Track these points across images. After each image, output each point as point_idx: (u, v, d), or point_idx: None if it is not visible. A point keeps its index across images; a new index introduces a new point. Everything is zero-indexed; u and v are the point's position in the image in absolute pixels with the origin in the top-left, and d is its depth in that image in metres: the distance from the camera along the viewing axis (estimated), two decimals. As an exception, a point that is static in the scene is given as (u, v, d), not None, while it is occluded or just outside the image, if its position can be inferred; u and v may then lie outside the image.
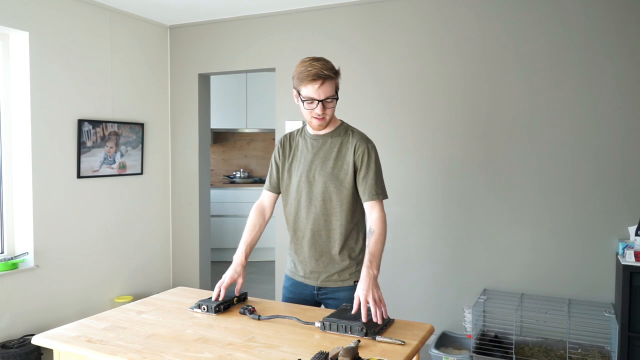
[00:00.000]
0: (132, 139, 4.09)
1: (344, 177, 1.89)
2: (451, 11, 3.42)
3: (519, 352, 3.04)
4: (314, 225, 1.94)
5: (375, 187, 1.87)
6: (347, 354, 1.35)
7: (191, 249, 4.45)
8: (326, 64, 1.82)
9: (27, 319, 3.34)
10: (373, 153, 1.90)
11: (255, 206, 2.08)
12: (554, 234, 3.20)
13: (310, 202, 1.93)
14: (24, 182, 3.38)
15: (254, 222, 2.04)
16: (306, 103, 1.83)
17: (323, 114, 1.84)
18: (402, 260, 3.60)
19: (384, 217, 1.86)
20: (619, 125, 3.03)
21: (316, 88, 1.79)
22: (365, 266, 1.73)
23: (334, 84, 1.84)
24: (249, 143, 6.81)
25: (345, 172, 1.89)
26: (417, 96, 3.54)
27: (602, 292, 3.08)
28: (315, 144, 1.95)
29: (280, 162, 2.02)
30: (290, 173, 1.99)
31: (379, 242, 1.81)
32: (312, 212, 1.93)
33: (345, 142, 1.91)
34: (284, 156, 2.01)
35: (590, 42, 3.07)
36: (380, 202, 1.88)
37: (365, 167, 1.88)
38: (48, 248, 3.47)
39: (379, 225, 1.83)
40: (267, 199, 2.08)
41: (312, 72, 1.78)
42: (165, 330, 1.62)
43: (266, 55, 4.06)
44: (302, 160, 1.96)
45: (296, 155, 1.99)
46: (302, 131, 2.02)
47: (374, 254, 1.77)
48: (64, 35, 3.54)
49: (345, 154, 1.90)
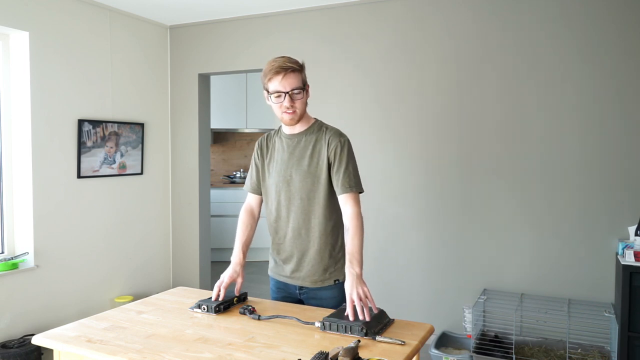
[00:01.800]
0: (132, 139, 4.09)
1: (320, 174, 1.89)
2: (450, 11, 3.42)
3: (519, 352, 3.04)
4: (294, 224, 1.94)
5: (348, 179, 1.86)
6: (347, 354, 1.35)
7: (191, 249, 4.45)
8: (289, 58, 1.85)
9: (27, 319, 3.34)
10: (346, 146, 1.90)
11: (244, 208, 2.09)
12: (554, 234, 3.20)
13: (289, 201, 1.94)
14: (24, 182, 3.38)
15: (246, 221, 2.05)
16: (274, 97, 1.84)
17: (292, 107, 1.85)
18: (402, 260, 3.60)
19: (358, 212, 1.83)
20: (619, 126, 3.03)
21: (280, 79, 1.81)
22: (347, 266, 1.73)
23: (300, 76, 1.85)
24: (249, 143, 6.81)
25: (320, 168, 1.89)
26: (416, 96, 3.54)
27: (602, 292, 3.08)
28: (291, 142, 1.95)
29: (260, 163, 2.04)
30: (270, 174, 2.00)
31: (356, 238, 1.78)
32: (292, 210, 1.94)
33: (319, 138, 1.92)
34: (262, 157, 2.03)
35: (591, 42, 3.07)
36: (355, 195, 1.86)
37: (338, 160, 1.88)
38: (48, 248, 3.47)
39: (353, 221, 1.80)
40: (253, 201, 2.09)
41: (275, 66, 1.81)
42: (165, 330, 1.63)
43: (266, 55, 4.05)
44: (279, 160, 1.97)
45: (273, 156, 2.00)
46: (278, 131, 2.03)
47: (353, 253, 1.75)
48: (64, 35, 3.54)
49: (320, 150, 1.90)
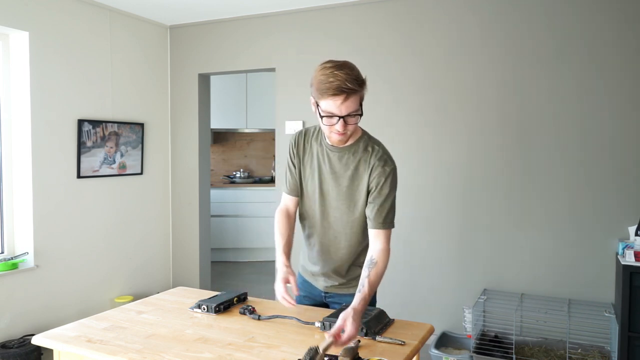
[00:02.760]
0: (132, 139, 4.09)
1: (357, 199, 1.74)
2: (454, 7, 3.41)
3: (519, 352, 3.04)
4: (323, 239, 1.84)
5: (384, 216, 1.69)
6: (347, 354, 1.34)
7: (191, 249, 4.45)
8: (350, 74, 1.56)
9: (27, 319, 3.34)
10: (390, 177, 1.71)
11: (280, 210, 1.90)
12: (554, 234, 3.20)
13: (322, 216, 1.82)
14: (24, 182, 3.38)
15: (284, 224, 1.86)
16: (325, 118, 1.60)
17: (344, 131, 1.62)
18: (403, 260, 3.60)
19: (388, 250, 1.69)
20: (619, 126, 3.03)
21: (338, 104, 1.56)
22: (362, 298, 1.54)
23: (359, 97, 1.60)
24: (249, 143, 6.81)
25: (359, 193, 1.74)
26: (418, 96, 3.54)
27: (602, 292, 3.08)
28: (332, 155, 1.77)
29: (297, 164, 1.85)
30: (305, 179, 1.84)
31: (379, 276, 1.63)
32: (324, 226, 1.83)
33: (364, 160, 1.73)
34: (298, 157, 1.84)
35: (591, 41, 3.07)
36: (388, 231, 1.70)
37: (377, 191, 1.70)
38: (48, 248, 3.47)
39: (382, 258, 1.66)
40: (290, 203, 1.90)
41: (333, 85, 1.53)
42: (165, 330, 1.62)
43: (266, 55, 4.06)
44: (316, 168, 1.80)
45: (311, 161, 1.82)
46: (317, 134, 1.82)
47: (372, 287, 1.60)
48: (64, 35, 3.54)
49: (362, 175, 1.73)
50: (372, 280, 1.61)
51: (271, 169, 6.67)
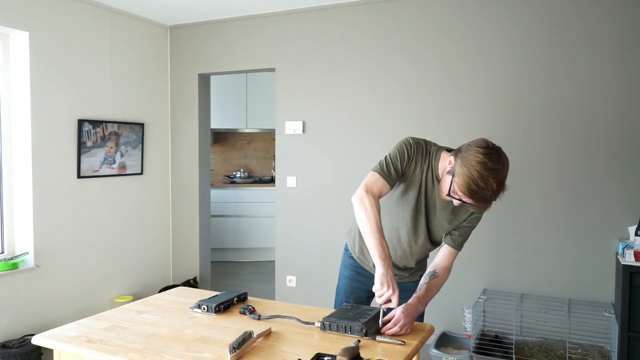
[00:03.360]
0: (132, 139, 4.09)
1: (440, 233, 1.89)
2: (456, 7, 3.41)
3: (519, 352, 3.04)
4: (392, 252, 1.90)
5: (462, 240, 1.87)
6: (346, 354, 1.34)
7: (191, 249, 4.45)
8: (502, 185, 1.55)
9: (27, 319, 3.34)
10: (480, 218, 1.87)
11: (374, 196, 1.72)
12: (554, 234, 3.20)
13: (406, 230, 1.88)
14: (24, 182, 3.38)
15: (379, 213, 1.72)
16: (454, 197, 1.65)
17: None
18: (402, 260, 3.60)
19: (450, 270, 1.87)
20: (619, 125, 3.03)
21: (473, 204, 1.63)
22: (417, 297, 1.73)
23: None
24: (249, 143, 6.81)
25: (444, 229, 1.88)
26: (418, 96, 3.54)
27: (602, 292, 3.08)
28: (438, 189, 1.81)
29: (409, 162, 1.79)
30: (407, 183, 1.82)
31: (438, 287, 1.82)
32: (400, 237, 1.91)
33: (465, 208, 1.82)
34: (415, 162, 1.80)
35: (591, 41, 3.07)
36: (457, 254, 1.88)
37: (467, 223, 1.86)
38: (48, 248, 3.47)
39: (444, 275, 1.85)
40: (385, 191, 1.76)
41: (480, 196, 1.55)
42: (165, 330, 1.63)
43: (266, 55, 4.06)
44: (422, 192, 1.81)
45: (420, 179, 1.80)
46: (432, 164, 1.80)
47: (430, 293, 1.78)
48: (64, 35, 3.54)
49: (461, 215, 1.86)
50: (433, 286, 1.79)
51: (271, 169, 6.67)
